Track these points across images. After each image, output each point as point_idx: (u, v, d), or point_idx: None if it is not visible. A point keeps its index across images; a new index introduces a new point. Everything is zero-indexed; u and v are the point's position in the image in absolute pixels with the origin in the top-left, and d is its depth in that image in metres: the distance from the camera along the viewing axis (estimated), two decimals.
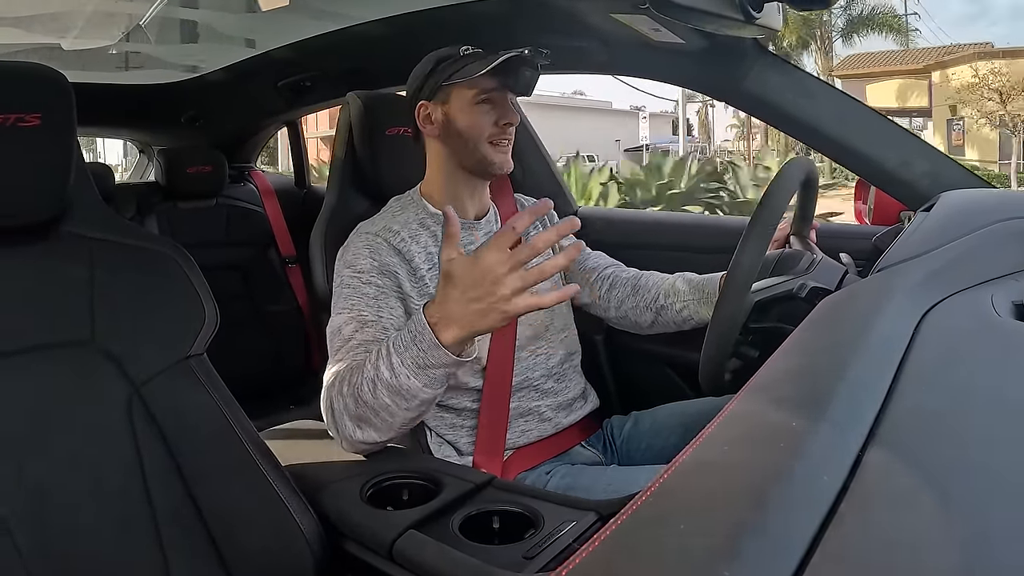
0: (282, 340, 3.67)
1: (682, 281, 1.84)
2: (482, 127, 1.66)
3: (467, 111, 1.66)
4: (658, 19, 1.57)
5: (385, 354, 1.33)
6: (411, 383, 1.30)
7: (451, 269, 1.24)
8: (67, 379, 1.29)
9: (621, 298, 1.90)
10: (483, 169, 1.70)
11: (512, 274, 1.19)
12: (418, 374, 1.29)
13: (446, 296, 1.25)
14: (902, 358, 0.73)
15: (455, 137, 1.68)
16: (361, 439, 1.38)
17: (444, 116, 1.69)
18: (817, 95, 1.83)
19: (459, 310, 1.24)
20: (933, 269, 1.12)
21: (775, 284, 1.50)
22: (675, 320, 1.84)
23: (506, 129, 1.68)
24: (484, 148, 1.67)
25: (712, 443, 0.60)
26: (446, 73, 1.66)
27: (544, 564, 1.07)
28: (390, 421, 1.35)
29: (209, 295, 1.43)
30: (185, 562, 1.27)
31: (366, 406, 1.34)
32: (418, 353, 1.28)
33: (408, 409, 1.34)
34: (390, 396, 1.31)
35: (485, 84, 1.65)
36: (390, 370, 1.31)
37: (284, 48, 2.92)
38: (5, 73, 1.32)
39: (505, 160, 1.70)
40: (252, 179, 3.94)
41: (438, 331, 1.26)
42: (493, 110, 1.67)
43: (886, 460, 0.55)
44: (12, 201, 1.29)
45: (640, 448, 1.84)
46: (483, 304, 1.21)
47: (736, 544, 0.44)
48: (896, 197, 1.83)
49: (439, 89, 1.69)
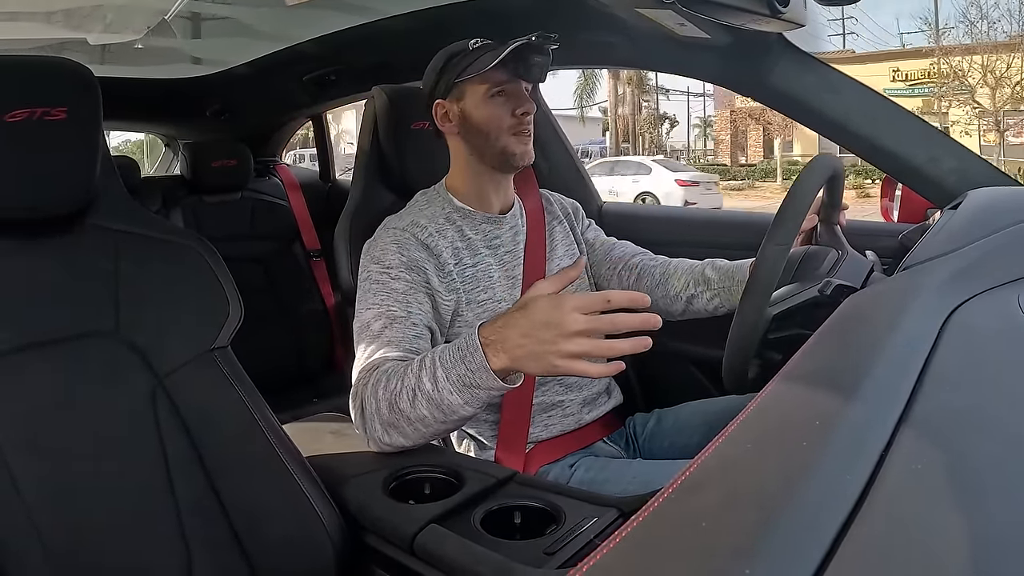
0: (306, 334, 3.67)
1: (711, 269, 1.83)
2: (500, 119, 1.65)
3: (482, 105, 1.66)
4: (684, 14, 1.56)
5: (429, 366, 1.31)
6: (453, 399, 1.28)
7: (534, 301, 1.23)
8: (92, 370, 1.30)
9: (650, 287, 1.88)
10: (505, 161, 1.69)
11: (583, 338, 1.17)
12: (462, 391, 1.28)
13: (512, 322, 1.24)
14: (927, 358, 0.72)
15: (474, 133, 1.68)
16: (388, 443, 1.38)
17: (461, 113, 1.69)
18: (844, 90, 1.81)
19: (517, 340, 1.22)
20: (959, 268, 1.11)
21: (795, 294, 1.48)
22: (706, 308, 1.83)
23: (524, 118, 1.67)
24: (504, 140, 1.66)
25: (735, 441, 0.60)
26: (457, 69, 1.66)
27: (565, 560, 1.07)
28: (423, 431, 1.34)
29: (233, 288, 1.44)
30: (207, 553, 1.28)
31: (401, 414, 1.33)
32: (465, 372, 1.27)
33: (444, 423, 1.33)
34: (428, 408, 1.30)
35: (497, 76, 1.64)
36: (432, 383, 1.29)
37: (309, 42, 2.93)
38: (31, 67, 1.34)
39: (526, 151, 1.69)
40: (277, 173, 3.95)
41: (489, 353, 1.25)
42: (508, 101, 1.66)
43: (909, 459, 0.54)
44: (39, 194, 1.31)
45: (663, 446, 1.84)
46: (541, 348, 1.19)
47: (757, 543, 0.44)
48: (923, 194, 1.81)
49: (453, 86, 1.68)
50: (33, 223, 1.33)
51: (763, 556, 0.42)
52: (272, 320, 3.55)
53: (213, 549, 1.28)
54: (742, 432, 0.61)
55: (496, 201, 1.77)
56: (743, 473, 0.56)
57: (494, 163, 1.70)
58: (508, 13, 2.16)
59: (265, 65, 3.26)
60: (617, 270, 1.93)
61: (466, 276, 1.66)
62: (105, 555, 1.22)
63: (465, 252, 1.68)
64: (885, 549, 0.44)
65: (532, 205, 1.89)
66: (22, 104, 1.28)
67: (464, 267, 1.66)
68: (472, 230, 1.72)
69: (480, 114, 1.66)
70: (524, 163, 1.70)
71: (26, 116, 1.28)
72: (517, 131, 1.66)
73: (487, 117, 1.66)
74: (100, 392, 1.29)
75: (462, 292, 1.64)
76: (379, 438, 1.38)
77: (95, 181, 1.37)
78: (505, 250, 1.76)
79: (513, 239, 1.78)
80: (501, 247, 1.76)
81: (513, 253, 1.77)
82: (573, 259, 1.89)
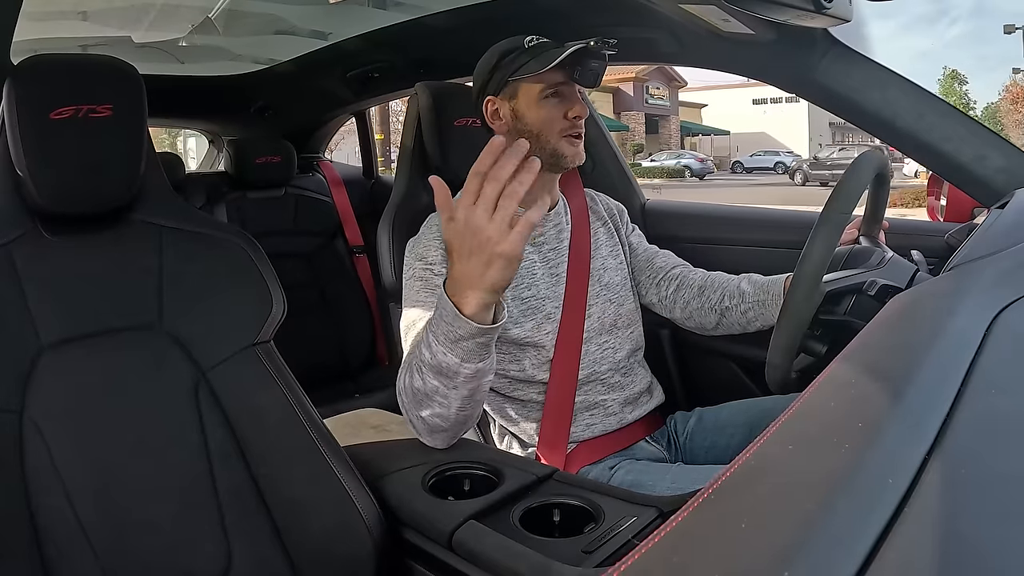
0: (348, 329, 3.70)
1: (747, 283, 1.81)
2: (552, 121, 1.65)
3: (536, 106, 1.65)
4: (728, 9, 1.55)
5: (424, 338, 1.32)
6: (448, 359, 1.28)
7: (447, 237, 1.23)
8: (135, 363, 1.32)
9: (687, 299, 1.87)
10: (556, 163, 1.68)
11: (490, 216, 1.16)
12: (452, 348, 1.27)
13: (452, 264, 1.24)
14: (973, 360, 0.71)
15: (525, 133, 1.66)
16: (425, 429, 1.39)
17: (512, 112, 1.68)
18: (890, 87, 1.79)
19: (464, 271, 1.22)
20: (1006, 268, 1.09)
21: (847, 276, 1.48)
22: (739, 322, 1.82)
23: (576, 122, 1.66)
24: (556, 142, 1.65)
25: (777, 441, 0.60)
26: (511, 68, 1.65)
27: (603, 559, 1.07)
28: (446, 404, 1.34)
29: (277, 283, 1.45)
30: (247, 544, 1.29)
31: (421, 394, 1.34)
32: (447, 328, 1.27)
33: (456, 387, 1.32)
34: (435, 377, 1.31)
35: (552, 78, 1.63)
36: (429, 350, 1.30)
37: (353, 39, 2.95)
38: (77, 66, 1.37)
39: (577, 153, 1.68)
40: (320, 169, 3.97)
41: (459, 302, 1.24)
42: (562, 103, 1.65)
43: (953, 464, 0.53)
44: (84, 189, 1.34)
45: (704, 445, 1.83)
46: (482, 256, 1.18)
47: (797, 545, 0.43)
48: (969, 193, 1.78)
49: (505, 84, 1.68)
50: (79, 218, 1.35)
51: (803, 559, 0.42)
52: (314, 315, 3.58)
53: (253, 541, 1.30)
54: (784, 433, 0.61)
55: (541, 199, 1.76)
56: (784, 475, 0.55)
57: (544, 162, 1.68)
58: (552, 9, 2.15)
59: (308, 62, 3.29)
60: (656, 280, 1.93)
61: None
62: (147, 548, 1.24)
63: None
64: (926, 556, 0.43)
65: (577, 204, 1.89)
66: (68, 101, 1.31)
67: None
68: None
69: (533, 115, 1.66)
70: (575, 164, 1.70)
71: (72, 113, 1.30)
72: (569, 133, 1.66)
73: (540, 119, 1.65)
74: (143, 385, 1.32)
75: (505, 288, 1.64)
76: (419, 428, 1.39)
77: (140, 177, 1.39)
78: (549, 247, 1.76)
79: (557, 236, 1.78)
80: (545, 244, 1.76)
81: (557, 251, 1.77)
82: (617, 259, 1.89)
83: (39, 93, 1.31)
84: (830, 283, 1.45)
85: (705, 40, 1.90)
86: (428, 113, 1.96)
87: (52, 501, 1.19)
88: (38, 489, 1.19)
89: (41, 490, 1.19)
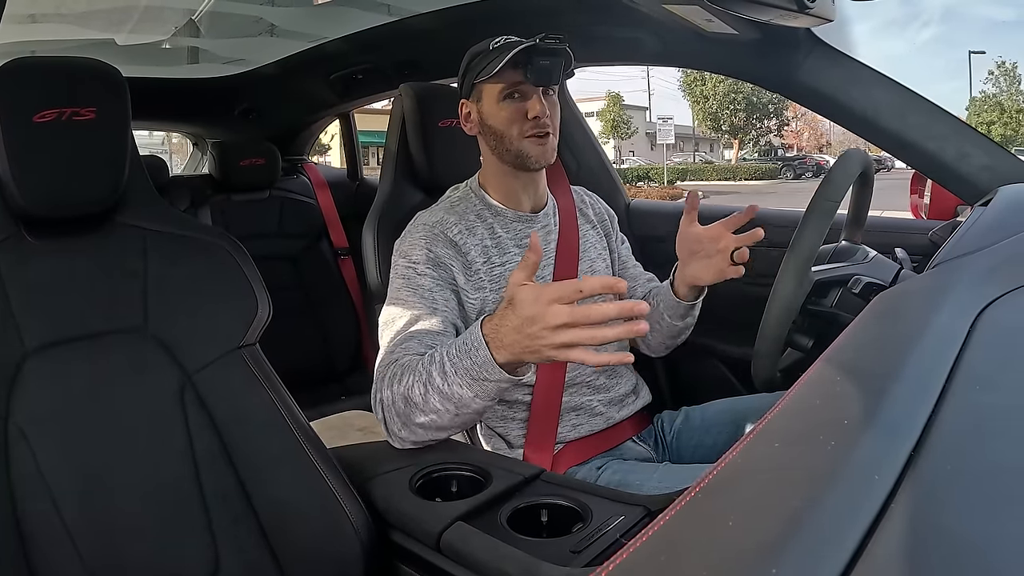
0: (334, 331, 3.70)
1: None
2: (513, 122, 1.64)
3: (497, 107, 1.65)
4: (711, 9, 1.55)
5: (438, 360, 1.31)
6: (463, 392, 1.28)
7: (516, 295, 1.20)
8: (121, 366, 1.32)
9: None
10: (522, 163, 1.67)
11: (568, 329, 1.13)
12: (471, 385, 1.27)
13: (504, 319, 1.22)
14: (957, 356, 0.72)
15: (490, 134, 1.68)
16: (407, 437, 1.38)
17: (479, 114, 1.69)
18: (873, 86, 1.80)
19: (511, 336, 1.21)
20: (990, 265, 1.10)
21: (835, 267, 1.49)
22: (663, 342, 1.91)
23: (537, 122, 1.64)
24: (519, 143, 1.65)
25: (763, 439, 0.60)
26: (476, 71, 1.65)
27: (591, 558, 1.07)
28: (438, 423, 1.34)
29: (262, 286, 1.45)
30: (234, 548, 1.29)
31: (415, 408, 1.33)
32: (471, 365, 1.26)
33: (458, 415, 1.33)
34: (441, 402, 1.31)
35: (511, 78, 1.63)
36: (442, 377, 1.30)
37: (337, 41, 2.94)
38: (61, 69, 1.36)
39: (542, 153, 1.66)
40: (305, 171, 3.97)
41: (492, 348, 1.24)
42: (522, 103, 1.64)
43: (939, 459, 0.54)
44: (68, 193, 1.33)
45: (690, 444, 1.83)
46: (533, 343, 1.17)
47: (785, 542, 0.44)
48: (953, 191, 1.79)
49: (473, 87, 1.69)
50: (62, 221, 1.34)
51: (790, 556, 0.42)
52: (300, 318, 3.58)
53: (240, 544, 1.29)
54: (770, 431, 0.61)
55: (526, 199, 1.77)
56: (771, 472, 0.56)
57: (512, 163, 1.69)
58: (534, 10, 2.15)
59: (292, 64, 3.28)
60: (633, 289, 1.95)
61: (494, 275, 1.66)
62: (134, 552, 1.24)
63: (494, 251, 1.67)
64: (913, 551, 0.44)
65: (565, 203, 1.88)
66: (51, 104, 1.30)
67: (492, 266, 1.66)
68: (503, 228, 1.71)
69: (495, 116, 1.66)
70: (542, 164, 1.68)
71: (55, 116, 1.30)
72: (533, 133, 1.64)
73: (502, 119, 1.65)
74: (129, 389, 1.31)
75: (489, 291, 1.64)
76: (396, 432, 1.39)
77: (124, 180, 1.38)
78: None
79: (545, 238, 1.78)
80: None
81: (544, 253, 1.76)
82: (605, 262, 1.89)
83: (22, 96, 1.30)
84: (819, 272, 1.46)
85: (689, 40, 1.91)
86: (412, 114, 1.96)
87: (38, 507, 1.18)
88: (24, 495, 1.18)
89: (27, 496, 1.18)
